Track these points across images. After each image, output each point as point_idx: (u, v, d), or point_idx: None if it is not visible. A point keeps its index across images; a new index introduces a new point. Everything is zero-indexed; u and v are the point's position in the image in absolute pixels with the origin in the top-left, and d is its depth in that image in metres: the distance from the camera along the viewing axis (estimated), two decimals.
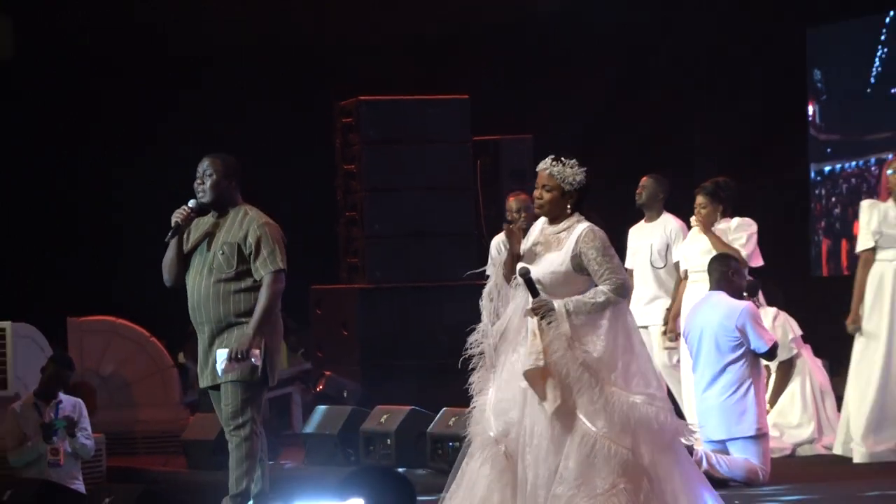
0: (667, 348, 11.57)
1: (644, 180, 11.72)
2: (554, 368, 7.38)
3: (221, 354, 8.65)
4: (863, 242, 10.96)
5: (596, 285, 7.46)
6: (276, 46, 18.53)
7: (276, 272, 8.79)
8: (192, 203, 8.78)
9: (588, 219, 7.59)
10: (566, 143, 15.30)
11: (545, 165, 7.65)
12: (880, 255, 10.83)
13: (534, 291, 7.45)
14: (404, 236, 13.33)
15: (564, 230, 7.57)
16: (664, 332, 11.53)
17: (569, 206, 7.57)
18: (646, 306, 11.66)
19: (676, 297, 11.41)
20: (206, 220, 8.87)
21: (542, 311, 7.42)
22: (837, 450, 10.94)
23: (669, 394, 10.94)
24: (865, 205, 11.11)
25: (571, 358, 7.38)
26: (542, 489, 7.33)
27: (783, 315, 11.54)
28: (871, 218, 10.88)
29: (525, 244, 7.64)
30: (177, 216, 8.76)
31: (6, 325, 13.23)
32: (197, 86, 17.73)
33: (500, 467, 7.48)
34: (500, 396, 7.59)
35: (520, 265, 7.52)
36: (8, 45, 22.37)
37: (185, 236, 8.88)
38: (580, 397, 7.36)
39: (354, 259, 13.62)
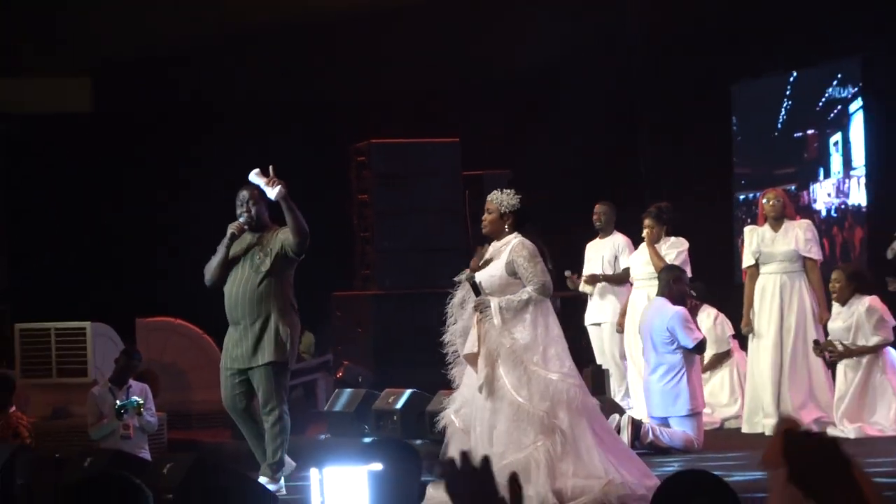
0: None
1: (599, 207, 11.75)
2: (488, 351, 7.65)
3: (255, 173, 8.82)
4: (746, 261, 11.03)
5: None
6: (302, 100, 18.55)
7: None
8: (242, 219, 8.86)
9: (528, 238, 7.74)
10: (537, 176, 15.40)
11: (490, 195, 7.91)
12: (763, 269, 10.85)
13: (476, 293, 7.81)
14: (407, 252, 13.35)
15: (504, 245, 7.88)
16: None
17: (507, 226, 7.80)
18: (599, 307, 11.69)
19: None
20: (246, 238, 8.91)
21: (480, 308, 7.76)
22: (745, 428, 10.97)
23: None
24: (747, 230, 11.21)
25: (501, 344, 7.68)
26: (486, 451, 7.49)
27: (722, 316, 11.55)
28: (751, 241, 10.94)
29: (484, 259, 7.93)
30: (233, 227, 8.86)
31: (86, 324, 13.24)
32: (240, 132, 17.77)
33: (459, 438, 7.72)
34: (464, 382, 7.79)
35: (468, 274, 7.89)
36: (87, 100, 22.47)
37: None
38: (510, 375, 7.62)
39: (367, 271, 13.64)
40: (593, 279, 11.56)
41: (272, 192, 8.74)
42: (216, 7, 20.71)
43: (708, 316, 11.58)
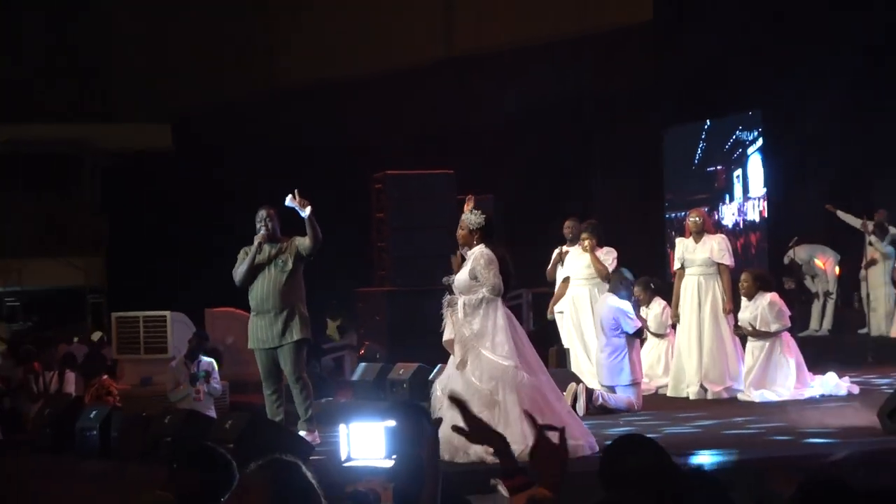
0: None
1: (569, 222, 11.50)
2: (459, 338, 7.64)
3: (289, 198, 8.69)
4: (675, 265, 10.97)
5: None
6: (335, 143, 18.55)
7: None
8: (263, 231, 8.77)
9: (493, 249, 7.71)
10: (512, 198, 15.36)
11: (463, 216, 7.87)
12: (686, 272, 10.80)
13: (451, 293, 7.77)
14: (414, 258, 13.24)
15: (471, 254, 7.73)
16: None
17: (475, 240, 7.72)
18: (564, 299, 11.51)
19: (557, 293, 11.25)
20: (265, 247, 8.82)
21: (451, 304, 7.73)
22: (670, 393, 10.89)
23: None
24: (677, 241, 11.18)
25: (463, 332, 7.62)
26: (449, 413, 7.45)
27: (668, 309, 11.39)
28: (677, 249, 10.90)
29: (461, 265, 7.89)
30: (260, 237, 8.77)
31: (167, 313, 13.22)
32: (285, 165, 17.76)
33: (444, 410, 7.64)
34: (449, 362, 7.91)
35: (448, 278, 7.87)
36: (168, 140, 22.54)
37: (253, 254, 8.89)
38: (469, 357, 7.61)
39: (383, 272, 13.55)
40: (552, 309, 11.34)
41: (304, 212, 8.66)
42: (267, 69, 20.74)
43: (658, 305, 11.51)
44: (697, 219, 10.89)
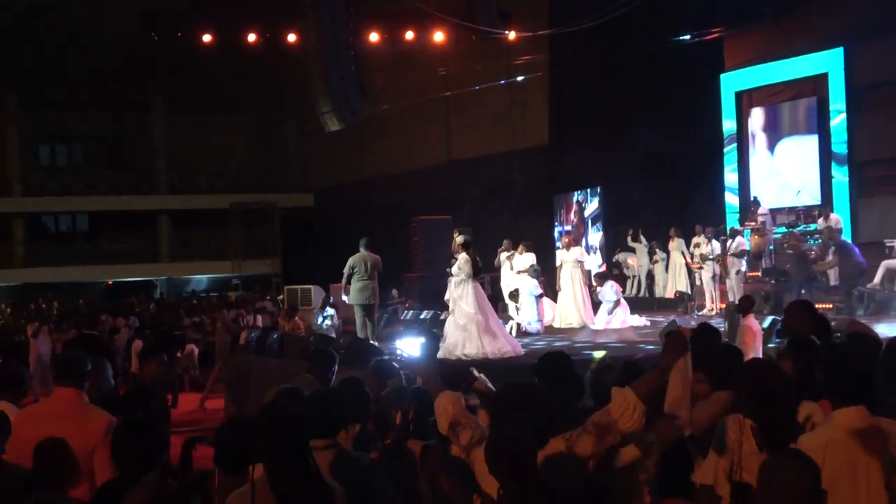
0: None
1: (506, 241, 11.47)
2: (450, 297, 7.44)
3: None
4: (559, 261, 10.85)
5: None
6: (393, 203, 18.47)
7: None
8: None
9: (469, 254, 7.50)
10: (482, 229, 15.28)
11: (456, 237, 7.73)
12: (564, 266, 10.67)
13: (451, 275, 7.54)
14: (431, 260, 13.21)
15: (459, 257, 7.54)
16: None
17: (460, 249, 7.56)
18: (516, 283, 11.25)
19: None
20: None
21: (448, 280, 7.51)
22: (559, 325, 10.68)
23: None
24: (558, 251, 11.16)
25: (453, 295, 7.42)
26: (449, 336, 7.39)
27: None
28: (559, 254, 10.88)
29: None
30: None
31: (311, 286, 13.14)
32: (369, 219, 17.64)
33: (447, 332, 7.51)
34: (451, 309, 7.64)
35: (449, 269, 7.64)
36: (311, 202, 22.72)
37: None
38: (455, 307, 7.39)
39: (417, 265, 13.52)
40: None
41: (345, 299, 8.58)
42: (361, 165, 20.68)
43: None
44: (567, 240, 11.00)
